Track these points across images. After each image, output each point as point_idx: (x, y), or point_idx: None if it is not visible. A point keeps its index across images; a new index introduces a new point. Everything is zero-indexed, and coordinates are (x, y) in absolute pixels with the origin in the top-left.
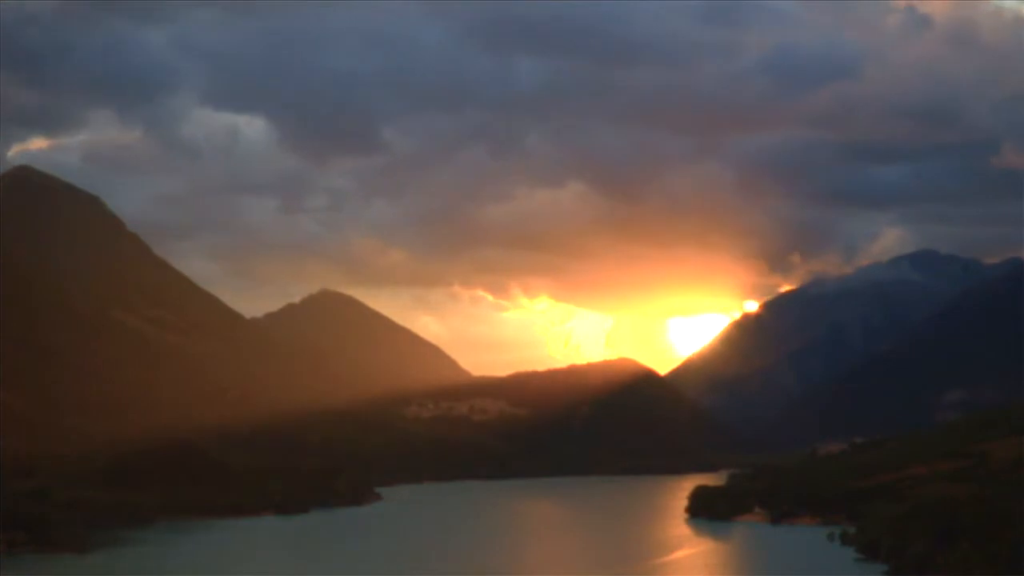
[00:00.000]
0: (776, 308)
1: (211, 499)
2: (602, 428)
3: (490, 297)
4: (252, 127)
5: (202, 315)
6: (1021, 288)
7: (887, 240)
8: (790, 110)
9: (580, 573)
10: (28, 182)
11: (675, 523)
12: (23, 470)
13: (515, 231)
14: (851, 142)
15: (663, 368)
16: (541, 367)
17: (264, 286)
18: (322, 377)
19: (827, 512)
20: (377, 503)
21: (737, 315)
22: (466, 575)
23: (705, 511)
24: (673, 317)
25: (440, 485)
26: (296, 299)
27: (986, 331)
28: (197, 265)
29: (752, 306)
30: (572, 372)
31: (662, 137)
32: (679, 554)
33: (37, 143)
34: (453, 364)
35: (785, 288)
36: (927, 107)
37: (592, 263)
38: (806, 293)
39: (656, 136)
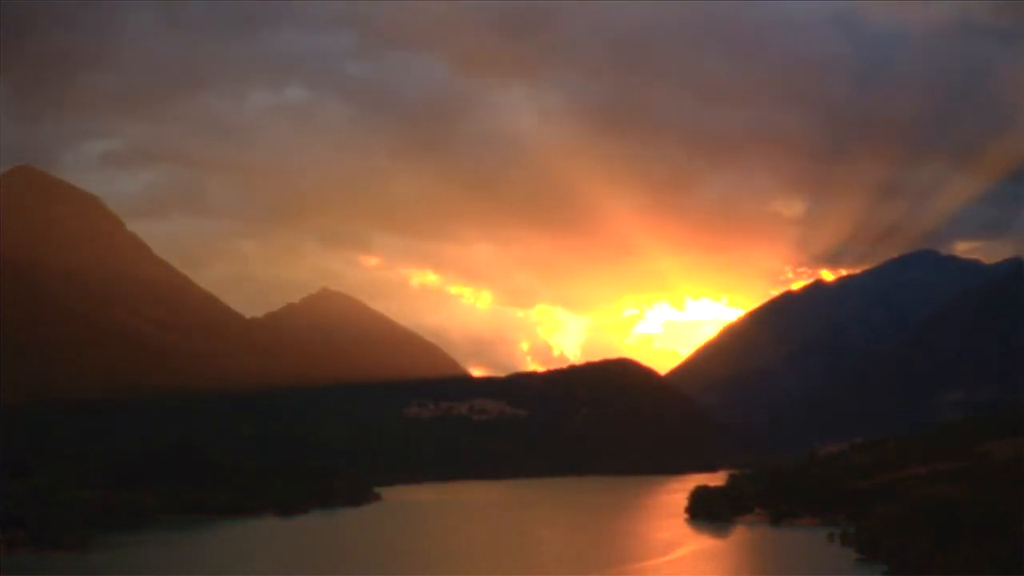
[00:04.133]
0: (776, 308)
1: (211, 499)
2: (602, 428)
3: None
4: None
5: (202, 315)
6: (1021, 288)
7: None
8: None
9: (580, 573)
10: (28, 182)
11: (675, 523)
12: (22, 470)
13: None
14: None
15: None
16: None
17: None
18: (322, 377)
19: (827, 512)
20: (377, 503)
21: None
22: (467, 575)
23: (705, 511)
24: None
25: (440, 485)
26: (296, 299)
27: (986, 331)
28: None
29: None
30: (572, 372)
31: (431, 70)
32: (679, 554)
33: None
34: (453, 364)
35: (784, 288)
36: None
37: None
38: (806, 293)
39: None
